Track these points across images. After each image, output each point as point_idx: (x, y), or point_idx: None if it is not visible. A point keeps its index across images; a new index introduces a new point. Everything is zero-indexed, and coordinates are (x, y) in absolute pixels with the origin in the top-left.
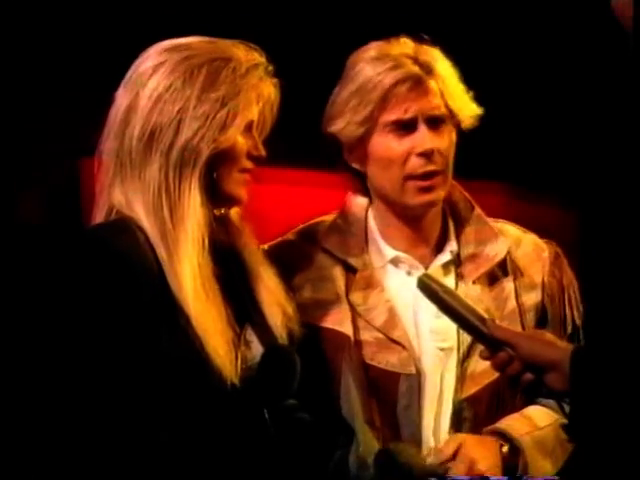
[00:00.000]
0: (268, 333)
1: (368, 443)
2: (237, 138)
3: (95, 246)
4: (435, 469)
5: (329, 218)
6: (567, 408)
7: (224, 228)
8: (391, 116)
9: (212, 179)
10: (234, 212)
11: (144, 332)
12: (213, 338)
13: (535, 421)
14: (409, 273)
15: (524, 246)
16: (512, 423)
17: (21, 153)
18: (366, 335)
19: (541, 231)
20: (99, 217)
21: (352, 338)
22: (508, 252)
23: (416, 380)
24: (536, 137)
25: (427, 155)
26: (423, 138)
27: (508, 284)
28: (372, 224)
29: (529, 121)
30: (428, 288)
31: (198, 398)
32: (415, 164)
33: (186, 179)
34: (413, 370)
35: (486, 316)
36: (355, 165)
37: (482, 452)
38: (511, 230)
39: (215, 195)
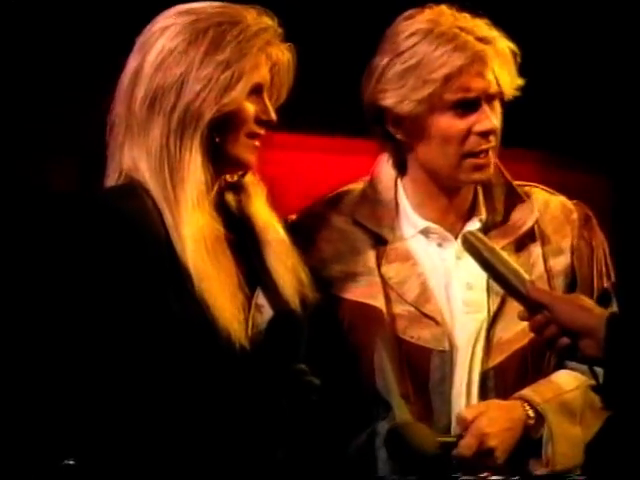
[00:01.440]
0: (279, 298)
1: (403, 418)
2: (243, 101)
3: (103, 211)
4: (445, 443)
5: (357, 187)
6: (600, 375)
7: (237, 194)
8: (455, 95)
9: (215, 142)
10: (249, 178)
11: (152, 295)
12: (219, 301)
13: (561, 385)
14: (440, 245)
15: (552, 209)
16: (537, 388)
17: (53, 123)
18: (398, 309)
19: (575, 198)
20: (110, 180)
21: (385, 312)
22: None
23: (449, 355)
24: (570, 104)
25: (488, 134)
26: (486, 118)
27: (535, 249)
28: (402, 193)
29: (563, 89)
30: (472, 246)
31: (206, 361)
32: (474, 142)
33: (187, 141)
34: (446, 346)
35: (527, 277)
36: (400, 137)
37: (499, 424)
38: (539, 193)
39: (222, 159)
